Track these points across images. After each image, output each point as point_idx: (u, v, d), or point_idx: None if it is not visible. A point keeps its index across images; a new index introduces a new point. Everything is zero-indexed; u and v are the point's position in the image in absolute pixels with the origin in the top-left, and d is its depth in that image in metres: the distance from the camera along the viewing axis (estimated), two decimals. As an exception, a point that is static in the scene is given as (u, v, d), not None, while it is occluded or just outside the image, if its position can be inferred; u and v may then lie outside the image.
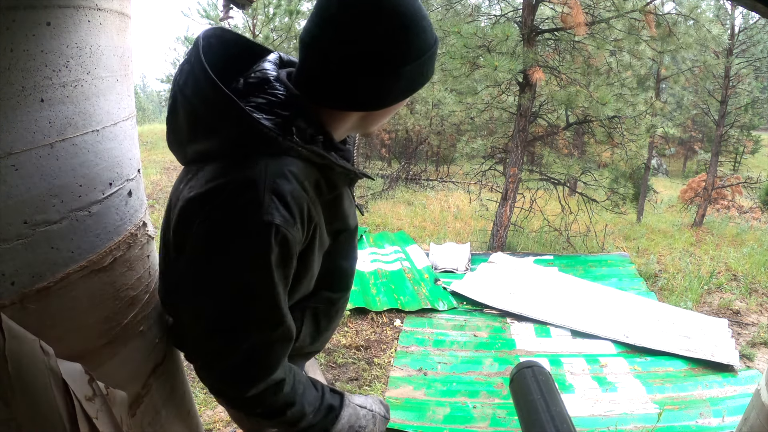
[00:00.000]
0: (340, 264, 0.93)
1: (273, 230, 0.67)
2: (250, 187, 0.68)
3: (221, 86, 0.69)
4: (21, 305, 0.65)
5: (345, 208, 0.88)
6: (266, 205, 0.67)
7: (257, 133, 0.70)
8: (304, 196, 0.72)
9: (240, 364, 0.74)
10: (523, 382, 1.39)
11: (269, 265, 0.69)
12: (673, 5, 7.69)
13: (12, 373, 0.64)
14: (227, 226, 0.68)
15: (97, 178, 0.78)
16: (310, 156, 0.74)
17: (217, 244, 0.69)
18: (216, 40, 0.80)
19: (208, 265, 0.71)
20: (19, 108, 0.64)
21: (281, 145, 0.71)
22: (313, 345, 0.97)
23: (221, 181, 0.70)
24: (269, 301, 0.72)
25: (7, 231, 0.64)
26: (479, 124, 8.48)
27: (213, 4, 11.11)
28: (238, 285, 0.70)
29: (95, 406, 0.73)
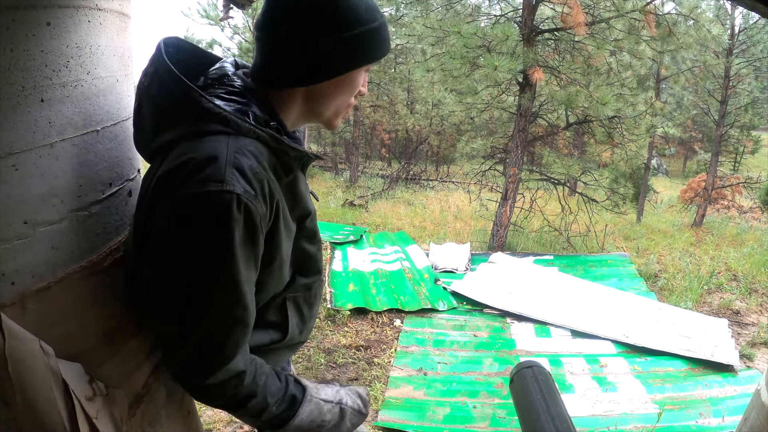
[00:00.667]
0: (307, 248, 0.96)
1: (234, 199, 0.69)
2: (212, 161, 0.70)
3: (183, 79, 0.74)
4: (21, 305, 0.65)
5: (302, 192, 0.90)
6: (228, 176, 0.69)
7: (216, 115, 0.74)
8: (262, 172, 0.74)
9: (197, 349, 0.74)
10: (523, 382, 1.38)
11: (231, 236, 0.70)
12: (673, 5, 7.69)
13: (12, 373, 0.64)
14: (190, 199, 0.69)
15: (97, 178, 0.78)
16: (266, 138, 0.77)
17: (176, 219, 0.71)
18: (173, 49, 0.84)
19: (170, 242, 0.72)
20: (19, 108, 0.64)
21: (240, 127, 0.74)
22: (300, 335, 1.00)
23: (184, 158, 0.71)
24: (229, 277, 0.72)
25: (7, 231, 0.64)
26: (479, 124, 8.49)
27: (213, 4, 11.11)
28: (198, 259, 0.71)
29: (95, 406, 0.73)
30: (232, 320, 0.75)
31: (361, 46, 0.80)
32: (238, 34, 11.63)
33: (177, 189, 0.70)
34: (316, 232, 0.99)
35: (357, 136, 12.31)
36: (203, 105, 0.74)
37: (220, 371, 0.76)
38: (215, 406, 0.84)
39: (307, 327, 1.01)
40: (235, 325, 0.76)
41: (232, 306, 0.74)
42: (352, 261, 5.10)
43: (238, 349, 0.78)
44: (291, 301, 0.95)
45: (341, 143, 15.05)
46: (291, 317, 0.95)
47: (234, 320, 0.75)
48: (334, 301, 4.06)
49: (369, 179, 12.94)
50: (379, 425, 2.65)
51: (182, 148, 0.74)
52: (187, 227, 0.70)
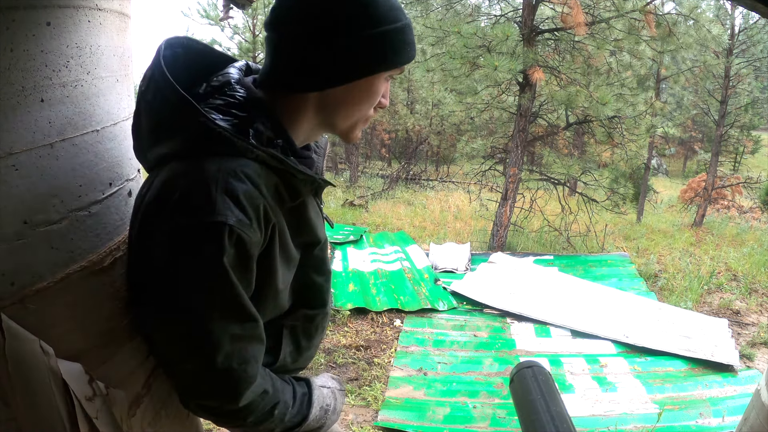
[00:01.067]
0: (314, 279, 0.90)
1: (226, 231, 0.65)
2: (202, 187, 0.66)
3: (178, 88, 0.69)
4: (21, 305, 0.65)
5: (311, 219, 0.84)
6: (219, 205, 0.65)
7: (211, 132, 0.68)
8: (258, 196, 0.69)
9: (223, 376, 0.72)
10: (523, 382, 1.39)
11: (225, 266, 0.66)
12: (673, 5, 7.69)
13: (12, 373, 0.64)
14: (181, 229, 0.66)
15: (97, 178, 0.78)
16: (267, 159, 0.71)
17: (173, 249, 0.67)
18: (183, 50, 0.78)
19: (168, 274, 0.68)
20: (19, 108, 0.64)
21: (236, 146, 0.69)
22: (294, 364, 0.95)
23: (174, 182, 0.68)
24: (232, 301, 0.70)
25: (7, 231, 0.64)
26: (479, 124, 8.49)
27: (213, 4, 11.11)
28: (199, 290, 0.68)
29: (95, 406, 0.73)
30: (248, 337, 0.73)
31: (383, 47, 0.72)
32: (238, 34, 11.62)
33: (169, 218, 0.66)
34: (325, 262, 0.92)
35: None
36: (198, 119, 0.68)
37: (249, 391, 0.74)
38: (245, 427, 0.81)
39: (303, 357, 0.96)
40: (251, 342, 0.74)
41: (244, 324, 0.72)
42: (352, 261, 5.10)
43: (258, 364, 0.76)
44: (288, 329, 0.90)
45: (341, 143, 15.05)
46: (284, 345, 0.90)
47: (249, 337, 0.73)
48: (334, 301, 4.06)
49: (369, 179, 12.94)
50: (379, 425, 2.65)
51: (174, 169, 0.69)
52: (182, 258, 0.67)
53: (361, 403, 2.87)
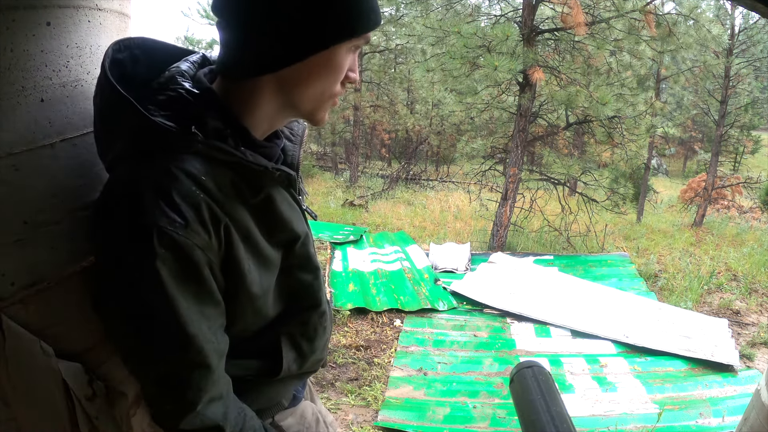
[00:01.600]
0: (301, 277, 0.83)
1: (155, 233, 0.59)
2: (132, 187, 0.61)
3: (118, 87, 0.64)
4: (21, 305, 0.65)
5: (283, 213, 0.76)
6: (148, 206, 0.60)
7: (149, 129, 0.63)
8: (197, 194, 0.63)
9: (161, 392, 0.68)
10: (523, 382, 1.38)
11: (158, 274, 0.60)
12: (673, 5, 7.69)
13: (12, 373, 0.64)
14: (112, 235, 0.62)
15: (97, 178, 0.78)
16: (213, 153, 0.66)
17: (105, 256, 0.64)
18: (141, 51, 0.74)
19: (105, 277, 0.65)
20: (19, 108, 0.64)
21: (175, 142, 0.64)
22: (302, 368, 0.89)
23: (110, 185, 0.65)
24: (170, 320, 0.63)
25: (7, 231, 0.64)
26: (479, 124, 8.50)
27: (213, 4, 11.12)
28: (133, 299, 0.63)
29: (95, 406, 0.73)
30: (186, 364, 0.66)
31: (339, 15, 0.65)
32: (238, 34, 11.63)
33: (101, 225, 0.63)
34: (311, 259, 0.84)
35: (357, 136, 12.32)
36: (136, 118, 0.63)
37: (192, 416, 0.68)
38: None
39: (310, 361, 0.90)
40: (192, 369, 0.66)
41: (182, 349, 0.64)
42: (352, 261, 5.10)
43: (203, 394, 0.68)
44: (285, 335, 0.84)
45: (341, 143, 15.06)
46: (285, 353, 0.84)
47: (188, 364, 0.66)
48: (334, 301, 4.06)
49: (369, 179, 12.94)
50: (379, 425, 2.65)
51: (114, 174, 0.66)
52: (115, 266, 0.62)
53: (361, 403, 2.87)
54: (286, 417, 0.94)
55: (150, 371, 0.67)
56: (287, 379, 0.88)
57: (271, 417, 0.91)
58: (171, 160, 0.63)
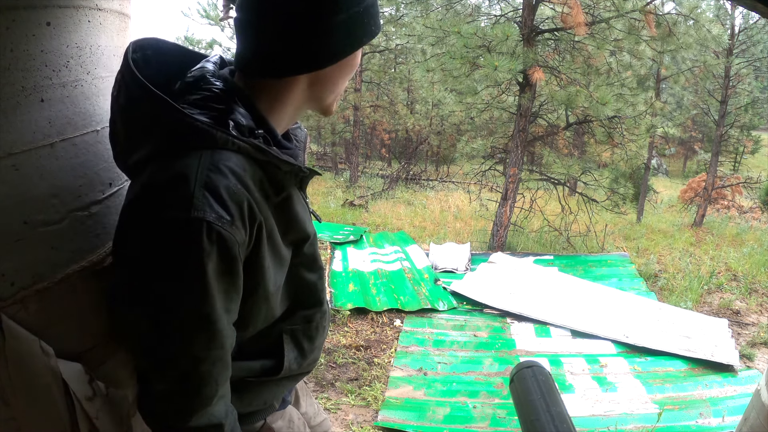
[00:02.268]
0: (307, 277, 0.85)
1: (205, 228, 0.60)
2: (181, 182, 0.61)
3: (149, 86, 0.65)
4: (21, 305, 0.65)
5: (299, 214, 0.79)
6: (197, 201, 0.60)
7: (188, 127, 0.64)
8: (243, 192, 0.65)
9: (176, 387, 0.68)
10: (523, 382, 1.38)
11: (203, 269, 0.61)
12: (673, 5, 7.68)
13: (12, 373, 0.64)
14: (156, 228, 0.62)
15: (97, 178, 0.78)
16: (250, 150, 0.67)
17: (145, 250, 0.63)
18: (153, 51, 0.75)
19: (134, 273, 0.65)
20: (19, 108, 0.64)
21: (216, 139, 0.65)
22: (300, 368, 0.90)
23: (151, 181, 0.64)
24: (204, 314, 0.64)
25: (7, 231, 0.64)
26: (479, 124, 8.49)
27: (213, 4, 11.12)
28: (167, 294, 0.63)
29: (95, 406, 0.73)
30: (211, 359, 0.68)
31: (365, 22, 0.71)
32: (238, 34, 11.62)
33: (144, 217, 0.63)
34: (317, 259, 0.87)
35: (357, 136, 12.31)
36: (173, 115, 0.64)
37: (202, 413, 0.69)
38: None
39: (308, 360, 0.91)
40: (214, 364, 0.68)
41: (209, 344, 0.66)
42: (352, 261, 5.10)
43: (219, 388, 0.70)
44: (288, 334, 0.85)
45: (341, 143, 15.05)
46: (288, 352, 0.85)
47: (213, 359, 0.68)
48: (334, 301, 4.06)
49: (369, 179, 12.93)
50: (379, 425, 2.65)
51: (152, 168, 0.65)
52: (156, 259, 0.62)
53: (361, 403, 2.87)
54: (276, 420, 0.95)
55: (172, 368, 0.67)
56: (284, 380, 0.89)
57: (263, 419, 0.92)
58: (216, 157, 0.64)
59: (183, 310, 0.64)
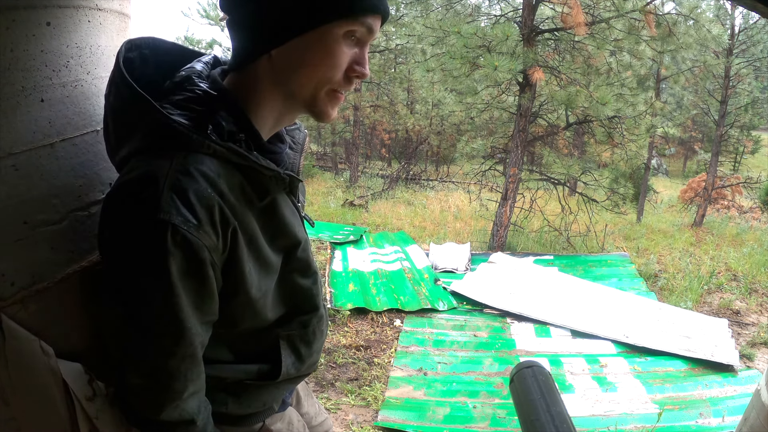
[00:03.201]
0: (300, 283, 0.85)
1: (169, 230, 0.60)
2: (150, 183, 0.61)
3: (133, 84, 0.66)
4: (21, 305, 0.65)
5: (286, 219, 0.78)
6: (165, 203, 0.60)
7: (165, 128, 0.64)
8: (213, 196, 0.64)
9: (146, 379, 0.69)
10: (523, 382, 1.38)
11: (167, 270, 0.62)
12: (673, 5, 7.69)
13: (12, 373, 0.64)
14: (124, 226, 0.63)
15: (97, 178, 0.78)
16: (227, 155, 0.67)
17: (115, 247, 0.65)
18: (150, 51, 0.76)
19: (109, 269, 0.67)
20: (19, 108, 0.64)
21: (192, 141, 0.65)
22: (299, 372, 0.91)
23: (125, 177, 0.64)
24: (171, 312, 0.65)
25: (7, 231, 0.64)
26: (479, 124, 8.48)
27: (213, 4, 11.12)
28: (135, 291, 0.64)
29: (95, 406, 0.73)
30: (179, 355, 0.68)
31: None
32: (238, 34, 11.62)
33: (114, 214, 0.64)
34: (310, 264, 0.86)
35: (357, 136, 12.32)
36: (152, 116, 0.65)
37: (173, 407, 0.71)
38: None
39: (306, 364, 0.91)
40: (183, 360, 0.69)
41: (178, 341, 0.67)
42: (352, 261, 5.10)
43: (189, 384, 0.71)
44: (285, 339, 0.85)
45: (341, 143, 15.05)
46: (285, 357, 0.85)
47: (181, 355, 0.68)
48: (334, 301, 4.06)
49: (369, 179, 12.93)
50: (379, 425, 2.65)
51: (128, 167, 0.66)
52: (123, 257, 0.63)
53: (361, 403, 2.87)
54: (276, 422, 0.95)
55: (142, 362, 0.68)
56: (283, 383, 0.90)
57: (262, 421, 0.92)
58: (188, 160, 0.64)
59: (152, 307, 0.65)
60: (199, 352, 0.71)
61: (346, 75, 0.71)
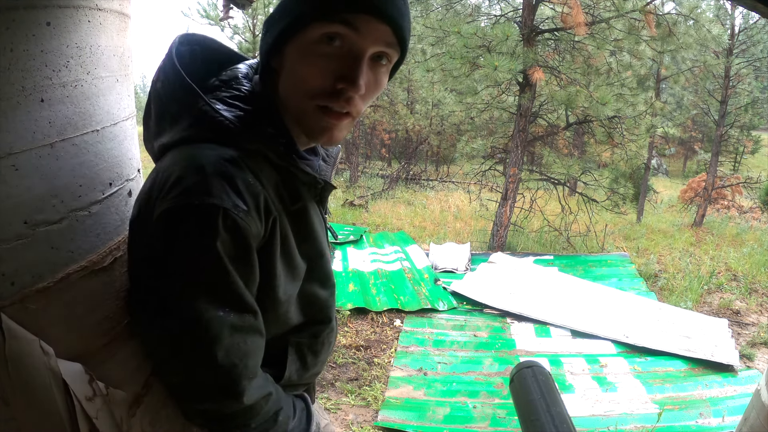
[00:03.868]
0: (318, 293, 0.85)
1: (220, 214, 0.61)
2: (198, 170, 0.63)
3: (185, 77, 0.68)
4: (21, 305, 0.65)
5: (314, 226, 0.79)
6: (214, 188, 0.61)
7: (213, 121, 0.67)
8: (258, 186, 0.66)
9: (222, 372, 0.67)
10: (523, 382, 1.38)
11: (218, 252, 0.62)
12: (673, 5, 7.68)
13: (12, 373, 0.64)
14: (173, 213, 0.62)
15: (97, 178, 0.78)
16: (268, 154, 0.69)
17: (165, 235, 0.64)
18: (200, 47, 0.78)
19: (160, 262, 0.65)
20: (19, 108, 0.64)
21: (238, 137, 0.67)
22: (300, 380, 0.90)
23: (170, 167, 0.65)
24: (228, 289, 0.65)
25: (7, 231, 0.64)
26: (479, 124, 8.48)
27: (213, 4, 11.11)
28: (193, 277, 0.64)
29: (95, 406, 0.73)
30: (248, 331, 0.69)
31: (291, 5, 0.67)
32: (238, 34, 11.62)
33: (162, 201, 0.63)
34: (329, 276, 0.87)
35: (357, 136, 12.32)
36: (201, 107, 0.67)
37: (252, 387, 0.70)
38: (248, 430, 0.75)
39: (310, 373, 0.91)
40: (250, 334, 0.69)
41: (243, 315, 0.67)
42: (352, 261, 5.10)
43: (259, 359, 0.72)
44: (293, 346, 0.85)
45: (341, 143, 15.05)
46: (290, 363, 0.85)
47: (248, 329, 0.69)
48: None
49: (369, 179, 12.93)
50: (379, 425, 2.65)
51: (173, 155, 0.67)
52: (174, 243, 0.63)
53: (361, 403, 2.87)
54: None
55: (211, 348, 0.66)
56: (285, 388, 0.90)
57: None
58: (235, 153, 0.66)
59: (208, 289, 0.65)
60: (262, 326, 0.71)
61: (334, 88, 0.66)
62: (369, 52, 0.66)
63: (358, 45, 0.65)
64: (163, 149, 0.71)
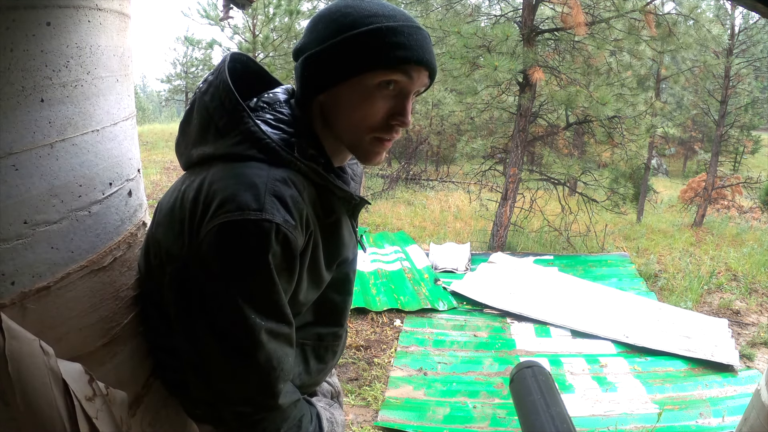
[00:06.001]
0: (332, 297, 0.91)
1: (274, 229, 0.67)
2: (251, 187, 0.68)
3: (236, 96, 0.74)
4: (21, 305, 0.65)
5: (344, 238, 0.86)
6: (267, 205, 0.67)
7: (261, 141, 0.73)
8: (302, 203, 0.72)
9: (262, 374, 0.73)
10: (523, 382, 1.39)
11: (269, 265, 0.68)
12: (673, 5, 7.68)
13: (12, 373, 0.64)
14: (227, 227, 0.67)
15: (97, 178, 0.78)
16: (309, 173, 0.76)
17: (219, 246, 0.68)
18: (241, 66, 0.85)
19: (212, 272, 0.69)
20: (19, 108, 0.64)
21: (282, 157, 0.73)
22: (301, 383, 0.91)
23: (222, 182, 0.70)
24: (272, 299, 0.71)
25: (7, 231, 0.64)
26: (479, 124, 8.48)
27: (213, 4, 11.11)
28: (243, 286, 0.69)
29: (95, 406, 0.73)
30: (284, 339, 0.75)
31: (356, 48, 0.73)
32: (238, 34, 11.61)
33: (214, 215, 0.68)
34: (349, 282, 0.94)
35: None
36: (249, 127, 0.73)
37: (285, 391, 0.77)
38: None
39: (311, 379, 0.94)
40: (286, 343, 0.76)
41: (280, 324, 0.73)
42: (352, 261, 5.10)
43: (292, 366, 0.78)
44: (298, 347, 0.88)
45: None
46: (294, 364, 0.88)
47: (285, 337, 0.75)
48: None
49: (369, 179, 12.92)
50: (379, 425, 2.65)
51: (220, 170, 0.72)
52: (227, 254, 0.68)
53: (361, 403, 2.87)
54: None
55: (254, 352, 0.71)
56: None
57: None
58: (281, 172, 0.73)
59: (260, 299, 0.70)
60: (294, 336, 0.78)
61: (388, 123, 0.77)
62: (413, 92, 0.78)
63: (408, 88, 0.77)
64: (205, 158, 0.76)
